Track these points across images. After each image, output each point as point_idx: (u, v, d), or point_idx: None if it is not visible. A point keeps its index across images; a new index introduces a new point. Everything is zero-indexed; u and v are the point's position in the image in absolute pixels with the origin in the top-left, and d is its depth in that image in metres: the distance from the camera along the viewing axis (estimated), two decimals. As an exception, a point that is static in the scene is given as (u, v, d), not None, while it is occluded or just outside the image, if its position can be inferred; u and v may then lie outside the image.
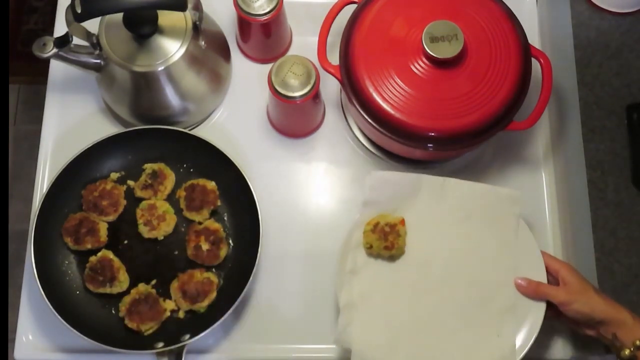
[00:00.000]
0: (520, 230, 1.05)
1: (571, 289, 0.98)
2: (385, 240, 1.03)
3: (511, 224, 1.05)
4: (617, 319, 0.95)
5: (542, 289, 1.00)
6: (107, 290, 1.08)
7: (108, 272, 1.07)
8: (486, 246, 1.05)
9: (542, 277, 1.02)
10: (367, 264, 1.05)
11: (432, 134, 1.04)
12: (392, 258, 1.05)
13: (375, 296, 1.03)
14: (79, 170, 1.11)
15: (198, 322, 1.05)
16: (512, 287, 1.02)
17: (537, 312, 1.01)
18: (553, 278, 1.02)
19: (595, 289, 0.98)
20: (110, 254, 1.09)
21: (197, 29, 1.10)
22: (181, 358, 1.03)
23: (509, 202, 1.06)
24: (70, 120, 1.20)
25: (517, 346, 1.00)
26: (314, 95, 1.08)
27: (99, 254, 1.09)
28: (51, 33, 1.19)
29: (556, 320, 1.03)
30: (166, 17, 1.08)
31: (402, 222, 1.05)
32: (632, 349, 0.92)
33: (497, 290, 1.03)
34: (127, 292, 1.08)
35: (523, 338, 1.01)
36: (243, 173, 1.10)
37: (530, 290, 1.01)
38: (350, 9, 1.11)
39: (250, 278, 1.05)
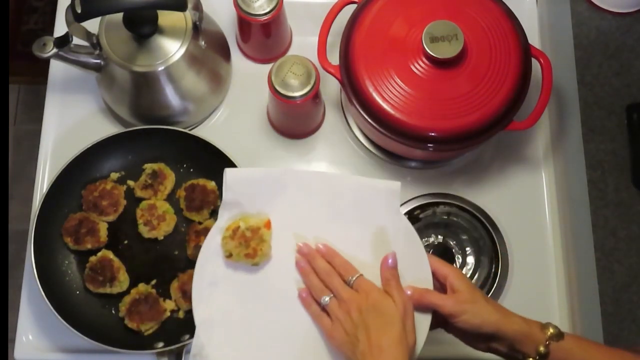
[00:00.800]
0: (402, 226, 0.92)
1: (460, 298, 0.85)
2: (247, 247, 0.90)
3: (390, 219, 0.92)
4: (510, 329, 0.84)
5: (428, 298, 0.86)
6: (107, 290, 1.08)
7: (108, 272, 1.07)
8: (363, 247, 0.92)
9: (428, 281, 0.89)
10: (227, 274, 0.91)
11: (432, 134, 1.04)
12: (256, 266, 0.91)
13: (238, 310, 0.90)
14: (79, 170, 1.11)
15: (198, 322, 1.05)
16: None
17: (422, 322, 0.87)
18: (440, 284, 0.89)
19: (486, 297, 0.87)
20: (110, 254, 1.09)
21: (197, 29, 1.10)
22: (181, 358, 1.03)
23: (387, 196, 0.92)
24: (70, 121, 1.20)
25: None
26: (314, 95, 1.08)
27: (99, 254, 1.09)
28: (51, 33, 1.19)
29: (442, 329, 0.90)
30: (166, 17, 1.08)
31: (267, 224, 0.92)
32: (536, 357, 0.83)
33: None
34: (127, 292, 1.08)
35: None
36: (243, 173, 1.10)
37: (414, 299, 0.86)
38: (350, 9, 1.11)
39: (250, 278, 1.05)
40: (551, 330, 0.85)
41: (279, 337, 0.90)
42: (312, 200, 0.93)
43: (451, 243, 1.16)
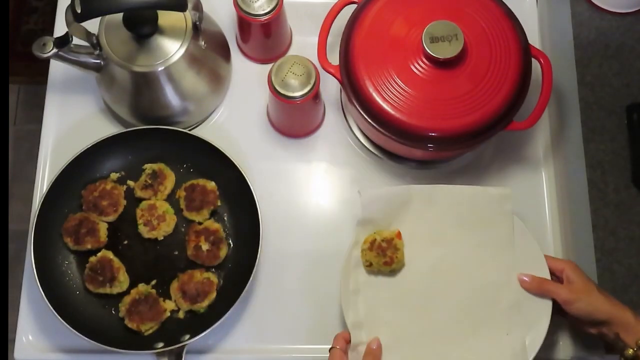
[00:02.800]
0: (516, 227, 1.05)
1: (575, 288, 0.97)
2: (384, 256, 1.02)
3: (505, 222, 1.05)
4: (619, 318, 0.95)
5: (546, 285, 1.00)
6: (107, 290, 1.08)
7: (108, 272, 1.07)
8: (484, 247, 1.04)
9: (545, 273, 1.02)
10: (368, 282, 1.04)
11: (432, 134, 1.04)
12: (393, 272, 1.04)
13: (382, 313, 1.02)
14: (79, 170, 1.11)
15: (198, 322, 1.05)
16: (515, 286, 1.02)
17: (544, 309, 1.01)
18: (557, 277, 1.02)
19: (599, 288, 0.98)
20: (110, 254, 1.09)
21: (197, 29, 1.10)
22: (181, 358, 1.03)
23: (500, 201, 1.05)
24: (70, 121, 1.20)
25: (527, 343, 1.00)
26: (314, 95, 1.08)
27: (99, 254, 1.09)
28: (51, 33, 1.19)
29: (559, 318, 1.03)
30: (166, 17, 1.08)
31: (398, 234, 1.04)
32: (635, 349, 0.92)
33: (500, 290, 1.03)
34: (127, 292, 1.08)
35: (533, 336, 1.01)
36: (243, 173, 1.10)
37: (534, 286, 1.01)
38: (350, 9, 1.11)
39: (250, 278, 1.05)
40: None
41: (420, 334, 1.01)
42: (435, 210, 1.05)
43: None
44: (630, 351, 0.92)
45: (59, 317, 1.02)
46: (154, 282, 1.10)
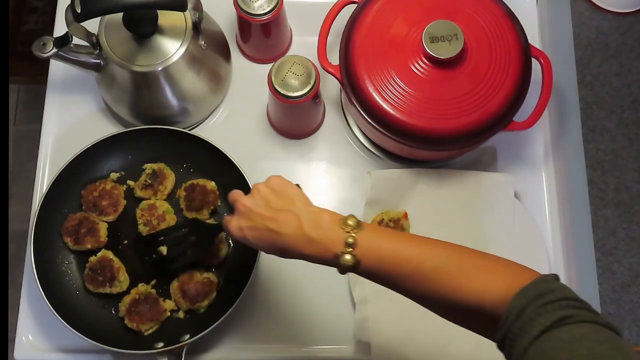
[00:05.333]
0: (517, 209, 1.10)
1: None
2: None
3: (508, 205, 1.11)
4: None
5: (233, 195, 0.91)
6: (107, 290, 1.08)
7: (108, 272, 1.07)
8: (486, 230, 1.10)
9: (543, 254, 1.08)
10: None
11: (432, 134, 1.03)
12: None
13: (387, 290, 1.04)
14: (79, 170, 1.11)
15: (198, 322, 1.05)
16: None
17: None
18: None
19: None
20: (110, 254, 1.09)
21: (197, 29, 1.10)
22: (181, 358, 1.03)
23: (503, 185, 1.11)
24: (70, 120, 1.20)
25: None
26: (314, 95, 1.08)
27: (99, 254, 1.09)
28: (51, 33, 1.19)
29: None
30: (166, 17, 1.08)
31: (405, 215, 1.09)
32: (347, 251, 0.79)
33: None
34: (127, 292, 1.08)
35: None
36: (243, 173, 1.10)
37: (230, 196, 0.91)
38: (350, 9, 1.11)
39: (250, 278, 1.05)
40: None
41: (422, 311, 1.00)
42: (441, 193, 1.11)
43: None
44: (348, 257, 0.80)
45: (59, 317, 1.02)
46: (153, 281, 1.10)
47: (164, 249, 1.06)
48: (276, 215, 0.83)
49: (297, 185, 0.90)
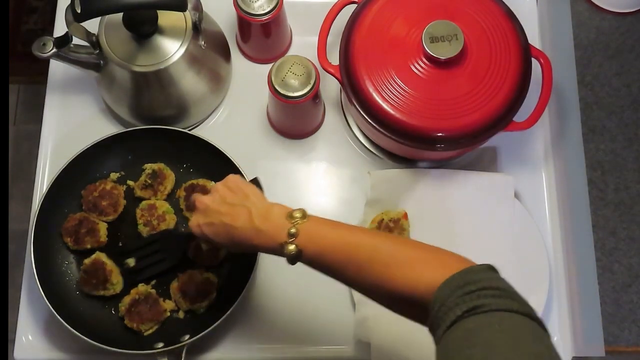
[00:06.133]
0: (517, 210, 1.11)
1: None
2: None
3: (507, 205, 1.11)
4: None
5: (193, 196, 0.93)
6: (101, 292, 1.07)
7: (100, 275, 1.07)
8: (486, 230, 1.10)
9: (543, 254, 1.08)
10: None
11: (432, 134, 1.04)
12: None
13: None
14: (79, 170, 1.11)
15: (198, 322, 1.05)
16: (515, 266, 1.05)
17: (542, 284, 1.07)
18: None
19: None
20: (103, 256, 1.09)
21: (197, 29, 1.10)
22: (181, 358, 1.03)
23: (503, 185, 1.12)
24: (70, 120, 1.20)
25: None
26: (314, 95, 1.08)
27: (92, 256, 1.08)
28: (51, 33, 1.19)
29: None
30: (166, 17, 1.08)
31: (405, 215, 1.10)
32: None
33: (500, 269, 1.03)
34: (127, 292, 1.08)
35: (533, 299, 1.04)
36: (243, 173, 1.10)
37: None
38: (350, 9, 1.11)
39: (250, 278, 1.05)
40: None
41: None
42: (440, 193, 1.11)
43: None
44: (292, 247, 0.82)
45: (59, 317, 1.02)
46: (153, 282, 1.10)
47: (131, 261, 1.09)
48: (231, 210, 0.87)
49: (256, 178, 0.94)
